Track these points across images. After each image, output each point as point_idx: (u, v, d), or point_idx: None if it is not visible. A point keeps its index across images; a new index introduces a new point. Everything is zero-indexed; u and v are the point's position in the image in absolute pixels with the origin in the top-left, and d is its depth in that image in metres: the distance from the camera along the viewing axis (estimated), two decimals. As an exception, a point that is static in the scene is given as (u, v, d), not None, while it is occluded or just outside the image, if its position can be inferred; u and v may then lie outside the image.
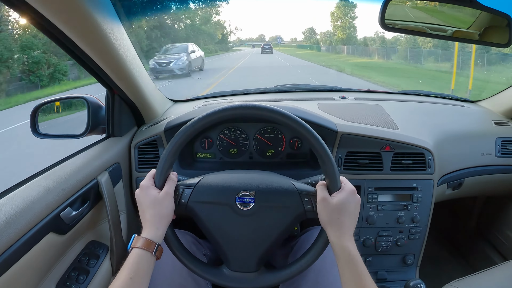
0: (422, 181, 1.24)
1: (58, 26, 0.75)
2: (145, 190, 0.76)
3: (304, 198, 0.78)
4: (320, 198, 0.75)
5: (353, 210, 0.75)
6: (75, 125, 1.17)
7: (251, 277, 0.79)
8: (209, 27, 38.13)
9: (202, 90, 9.82)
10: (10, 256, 0.71)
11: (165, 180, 0.78)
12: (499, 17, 1.04)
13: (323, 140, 0.76)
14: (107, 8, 0.83)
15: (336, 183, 0.76)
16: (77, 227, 0.94)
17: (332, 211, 0.73)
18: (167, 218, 0.75)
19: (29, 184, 0.85)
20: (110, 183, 1.08)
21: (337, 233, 0.72)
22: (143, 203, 0.76)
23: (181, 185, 0.80)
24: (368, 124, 1.27)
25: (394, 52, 23.79)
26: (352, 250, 0.71)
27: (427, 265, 1.39)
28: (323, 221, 0.75)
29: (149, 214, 0.74)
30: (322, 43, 47.53)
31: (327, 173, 0.76)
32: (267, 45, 36.65)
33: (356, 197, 0.76)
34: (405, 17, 1.11)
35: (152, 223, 0.73)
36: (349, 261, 0.70)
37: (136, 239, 0.72)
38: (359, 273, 0.69)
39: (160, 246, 0.72)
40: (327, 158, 0.75)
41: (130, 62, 1.01)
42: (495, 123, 1.51)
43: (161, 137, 1.21)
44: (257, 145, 1.31)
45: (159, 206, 0.74)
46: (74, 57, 0.90)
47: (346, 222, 0.73)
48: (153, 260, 0.71)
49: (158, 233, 0.73)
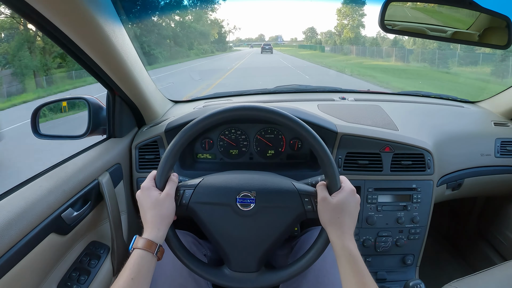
0: (422, 181, 1.24)
1: (60, 28, 0.75)
2: (146, 191, 0.77)
3: (304, 199, 0.78)
4: (321, 198, 0.75)
5: (353, 210, 0.76)
6: (77, 124, 1.17)
7: (252, 277, 0.79)
8: (202, 25, 35.94)
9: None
10: (12, 257, 0.71)
11: (166, 181, 0.79)
12: (498, 18, 1.05)
13: (323, 141, 0.77)
14: (108, 10, 0.83)
15: (336, 183, 0.76)
16: (78, 227, 0.95)
17: (333, 211, 0.73)
18: (168, 219, 0.76)
19: (30, 185, 0.85)
20: (111, 183, 1.08)
21: (337, 232, 0.73)
22: (144, 204, 0.76)
23: (182, 186, 0.81)
24: (368, 125, 1.27)
25: (411, 53, 20.87)
26: (353, 249, 0.71)
27: (427, 265, 1.39)
28: (323, 221, 0.75)
29: (150, 215, 0.74)
30: (324, 42, 45.67)
31: (327, 173, 0.77)
32: (267, 45, 36.16)
33: (356, 196, 0.77)
34: (405, 18, 1.12)
35: (153, 224, 0.74)
36: (350, 260, 0.70)
37: (137, 240, 0.72)
38: (360, 272, 0.69)
39: (161, 247, 0.73)
40: (326, 159, 0.76)
41: (131, 63, 1.02)
42: (494, 123, 1.52)
43: (162, 138, 1.21)
44: (257, 146, 1.32)
45: (160, 207, 0.75)
46: (75, 58, 0.90)
47: (346, 221, 0.74)
48: (155, 260, 0.72)
49: (159, 234, 0.73)
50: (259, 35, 78.84)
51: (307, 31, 62.72)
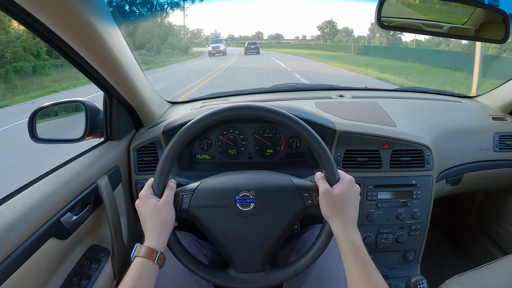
0: (421, 177, 1.24)
1: (54, 30, 0.74)
2: (145, 200, 0.77)
3: (304, 194, 0.78)
4: (323, 190, 0.75)
5: (354, 200, 0.76)
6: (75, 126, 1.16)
7: (259, 276, 0.79)
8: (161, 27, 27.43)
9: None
10: (12, 263, 0.70)
11: (164, 188, 0.78)
12: (494, 12, 1.05)
13: (320, 137, 0.77)
14: (103, 12, 0.82)
15: (334, 175, 0.76)
16: (78, 231, 0.94)
17: (335, 203, 0.73)
18: (168, 226, 0.75)
19: (28, 190, 0.85)
20: (109, 186, 1.08)
21: (340, 224, 0.72)
22: (143, 213, 0.76)
23: (180, 191, 0.80)
24: (366, 122, 1.27)
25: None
26: (357, 240, 0.71)
27: (428, 261, 1.39)
28: (325, 213, 0.75)
29: (150, 223, 0.74)
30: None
31: (325, 166, 0.77)
32: (252, 44, 28.40)
33: (356, 186, 0.77)
34: (401, 14, 1.12)
35: (153, 231, 0.74)
36: (353, 251, 0.70)
37: (138, 248, 0.72)
38: (364, 263, 0.68)
39: (162, 255, 0.73)
40: (322, 151, 0.76)
41: (127, 65, 1.01)
42: (492, 118, 1.52)
43: (160, 140, 1.21)
44: (255, 145, 1.31)
45: (159, 214, 0.74)
46: (71, 61, 0.89)
47: (349, 212, 0.73)
48: (156, 268, 0.71)
49: (160, 241, 0.73)
50: (257, 33, 69.34)
51: (323, 26, 49.20)
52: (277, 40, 54.92)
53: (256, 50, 27.17)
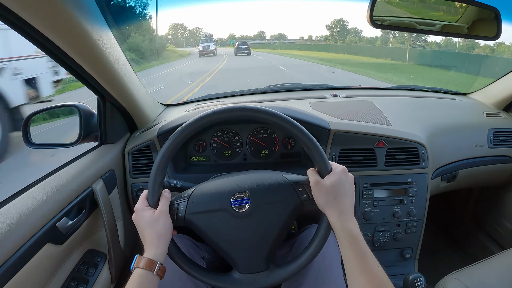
0: (417, 175, 1.25)
1: (45, 34, 0.74)
2: (140, 212, 0.76)
3: (298, 188, 0.78)
4: (313, 182, 0.75)
5: (349, 189, 0.75)
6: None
7: (263, 276, 0.78)
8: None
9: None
10: (8, 269, 0.70)
11: (158, 198, 0.78)
12: (487, 10, 1.06)
13: (311, 134, 0.76)
14: (95, 15, 0.82)
15: (326, 166, 0.76)
16: (74, 236, 0.94)
17: (328, 193, 0.73)
18: (165, 236, 0.75)
19: (23, 195, 0.84)
20: (105, 190, 1.07)
21: (335, 213, 0.72)
22: (140, 225, 0.76)
23: (175, 200, 0.80)
24: (361, 121, 1.28)
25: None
26: (353, 229, 0.70)
27: (426, 258, 1.40)
28: (320, 205, 0.74)
29: (147, 235, 0.74)
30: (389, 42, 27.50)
31: (315, 159, 0.76)
32: (243, 44, 26.32)
33: (349, 175, 0.76)
34: (394, 13, 1.12)
35: (151, 243, 0.73)
36: (350, 240, 0.69)
37: (138, 259, 0.72)
38: (361, 252, 0.68)
39: (162, 265, 0.72)
40: (311, 143, 0.76)
41: (120, 68, 1.01)
42: (486, 114, 1.53)
43: (154, 142, 1.20)
44: (250, 146, 1.31)
45: (155, 225, 0.74)
46: (63, 65, 0.89)
47: (344, 201, 0.73)
48: (156, 279, 0.71)
49: (158, 251, 0.73)
50: (259, 33, 63.79)
51: (333, 25, 43.72)
52: (281, 40, 49.17)
53: (246, 51, 25.71)
